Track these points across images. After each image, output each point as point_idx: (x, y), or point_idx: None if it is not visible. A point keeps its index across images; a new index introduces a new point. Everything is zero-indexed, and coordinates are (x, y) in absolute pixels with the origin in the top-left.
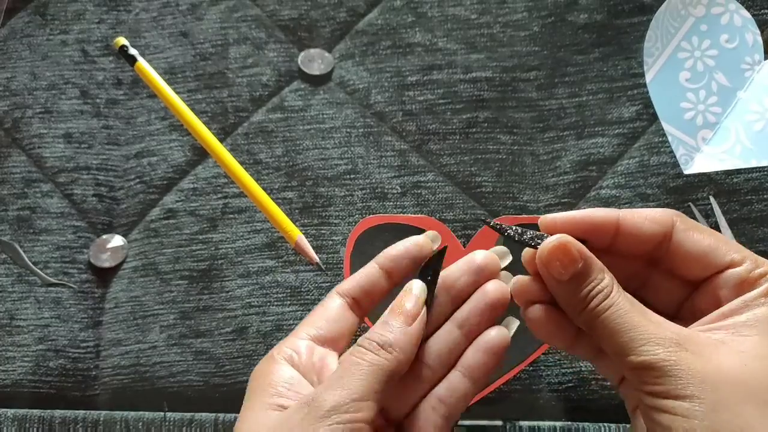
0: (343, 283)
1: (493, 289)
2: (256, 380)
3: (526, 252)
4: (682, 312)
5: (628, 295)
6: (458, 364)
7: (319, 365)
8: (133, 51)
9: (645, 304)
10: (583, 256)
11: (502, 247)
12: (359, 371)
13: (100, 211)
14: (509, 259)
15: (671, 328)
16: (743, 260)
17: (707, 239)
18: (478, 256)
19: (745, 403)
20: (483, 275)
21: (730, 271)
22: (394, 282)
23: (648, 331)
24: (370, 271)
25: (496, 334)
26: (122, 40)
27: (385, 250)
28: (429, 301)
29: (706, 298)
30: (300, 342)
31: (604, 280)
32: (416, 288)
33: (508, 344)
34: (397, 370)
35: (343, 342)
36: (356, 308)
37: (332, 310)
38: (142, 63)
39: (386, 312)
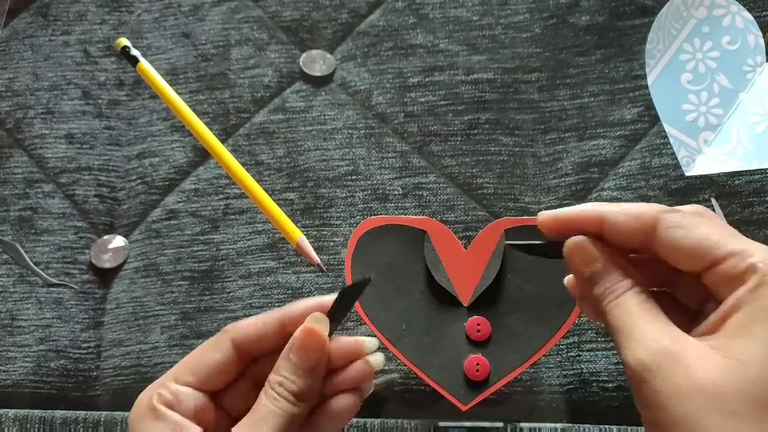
0: (240, 328)
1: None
2: (142, 429)
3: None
4: (707, 309)
5: (644, 298)
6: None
7: (201, 409)
8: (134, 52)
9: (675, 302)
10: (603, 257)
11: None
12: (276, 420)
13: (102, 212)
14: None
15: (670, 334)
16: (730, 255)
17: (694, 235)
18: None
19: (713, 414)
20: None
21: (720, 267)
22: (287, 337)
23: (643, 335)
24: (268, 325)
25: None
26: (124, 41)
27: (290, 306)
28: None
29: (712, 295)
30: (179, 389)
31: (619, 282)
32: (316, 333)
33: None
34: (303, 416)
35: (214, 385)
36: (242, 353)
37: (216, 362)
38: (144, 64)
39: (297, 356)
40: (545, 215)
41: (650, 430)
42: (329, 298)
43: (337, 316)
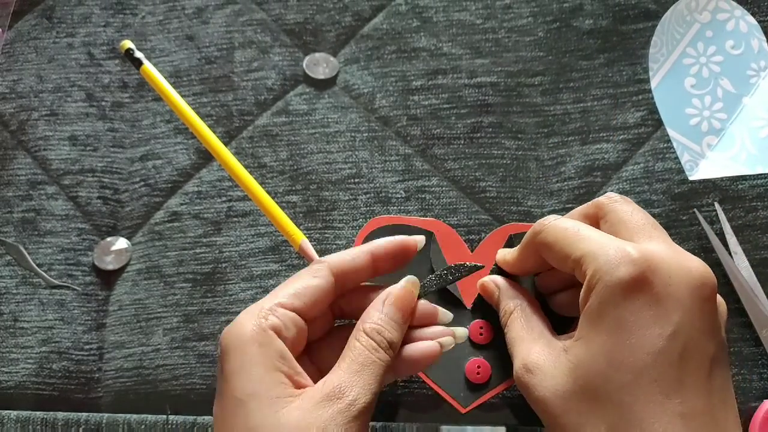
0: (334, 259)
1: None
2: (244, 353)
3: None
4: None
5: (527, 316)
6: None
7: (298, 339)
8: (138, 54)
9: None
10: (499, 289)
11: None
12: (374, 369)
13: (105, 214)
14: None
15: (537, 349)
16: (575, 262)
17: (557, 248)
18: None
19: (567, 413)
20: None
21: (576, 273)
22: (377, 273)
23: (518, 352)
24: (359, 257)
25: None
26: (128, 43)
27: (379, 242)
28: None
29: None
30: (287, 314)
31: (509, 305)
32: (411, 289)
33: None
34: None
35: (313, 313)
36: (335, 286)
37: (320, 289)
38: (147, 66)
39: (392, 309)
40: (500, 262)
41: (543, 423)
42: (411, 239)
43: (428, 284)
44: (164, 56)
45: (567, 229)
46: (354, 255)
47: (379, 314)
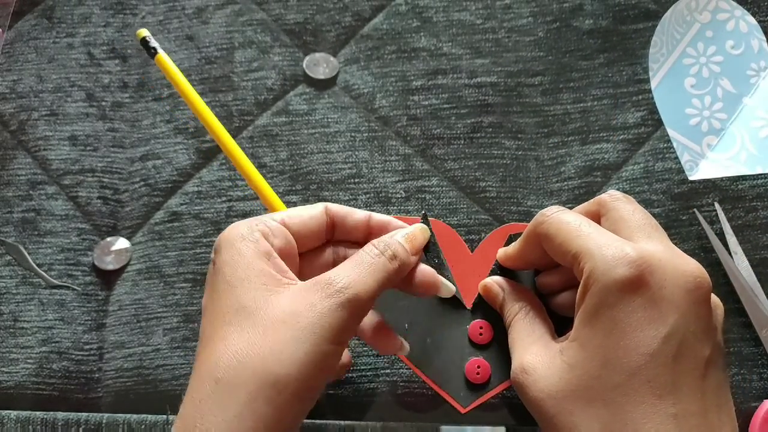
0: (334, 205)
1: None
2: (235, 248)
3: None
4: None
5: (529, 319)
6: None
7: (287, 251)
8: (154, 43)
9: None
10: (503, 291)
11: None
12: (374, 269)
13: (105, 214)
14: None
15: (534, 351)
16: (573, 258)
17: (557, 242)
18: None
19: (560, 414)
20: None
21: (574, 270)
22: (370, 237)
23: (517, 354)
24: (360, 217)
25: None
26: (144, 32)
27: (378, 215)
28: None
29: None
30: (277, 226)
31: (513, 307)
32: (423, 234)
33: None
34: (392, 285)
35: (303, 237)
36: (329, 230)
37: (312, 217)
38: (162, 55)
39: (400, 234)
40: (501, 259)
41: (538, 423)
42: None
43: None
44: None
45: (569, 223)
46: (352, 209)
47: (389, 237)
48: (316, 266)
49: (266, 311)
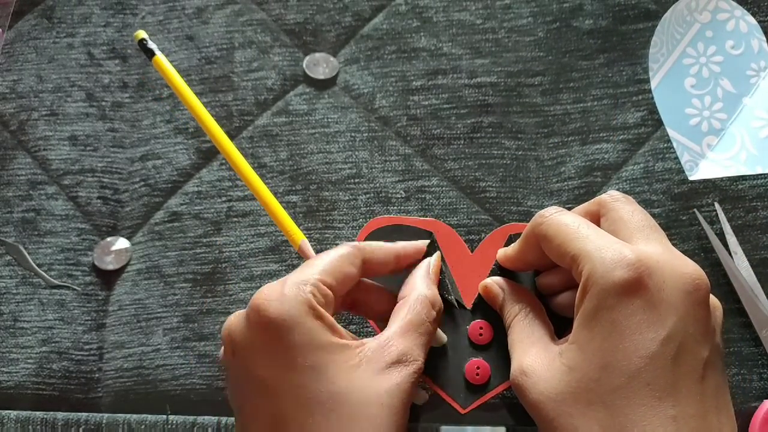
0: (368, 254)
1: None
2: (305, 326)
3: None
4: None
5: (529, 320)
6: None
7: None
8: (151, 45)
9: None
10: (503, 291)
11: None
12: (427, 330)
13: (105, 214)
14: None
15: (533, 353)
16: (572, 260)
17: (555, 244)
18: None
19: (560, 416)
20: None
21: (572, 272)
22: (398, 270)
23: (516, 356)
24: (389, 258)
25: None
26: (142, 33)
27: (406, 247)
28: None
29: None
30: (327, 292)
31: (513, 308)
32: (438, 266)
33: None
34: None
35: (338, 295)
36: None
37: (351, 277)
38: (159, 57)
39: (434, 275)
40: (500, 260)
41: (538, 425)
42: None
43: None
44: (165, 56)
45: (567, 224)
46: (385, 255)
47: (428, 282)
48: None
49: (352, 395)
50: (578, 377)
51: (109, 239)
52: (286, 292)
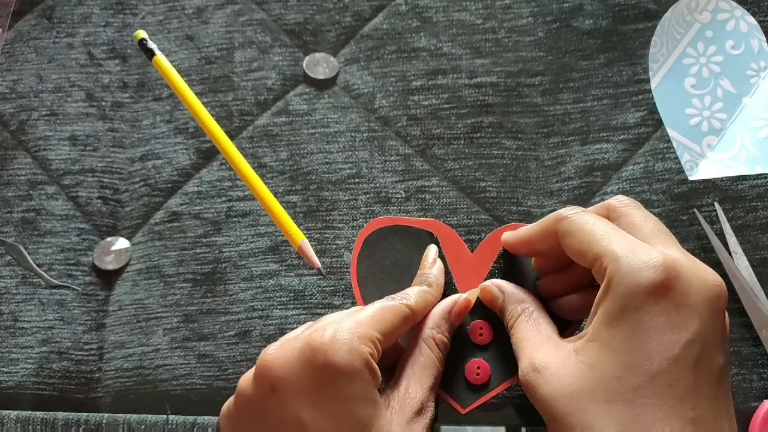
0: (419, 314)
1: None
2: (362, 380)
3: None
4: None
5: (534, 319)
6: None
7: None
8: (151, 45)
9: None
10: (503, 293)
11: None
12: (436, 375)
13: (105, 214)
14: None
15: (544, 351)
16: (595, 258)
17: (577, 240)
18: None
19: (574, 414)
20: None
21: (593, 269)
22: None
23: (525, 354)
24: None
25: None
26: (142, 33)
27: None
28: None
29: None
30: (378, 348)
31: (515, 309)
32: (472, 299)
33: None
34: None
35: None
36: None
37: (399, 334)
38: (159, 57)
39: (456, 317)
40: (507, 238)
41: (547, 423)
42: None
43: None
44: (165, 56)
45: (594, 223)
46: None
47: (444, 324)
48: None
49: None
50: (599, 375)
51: (109, 239)
52: (354, 345)
